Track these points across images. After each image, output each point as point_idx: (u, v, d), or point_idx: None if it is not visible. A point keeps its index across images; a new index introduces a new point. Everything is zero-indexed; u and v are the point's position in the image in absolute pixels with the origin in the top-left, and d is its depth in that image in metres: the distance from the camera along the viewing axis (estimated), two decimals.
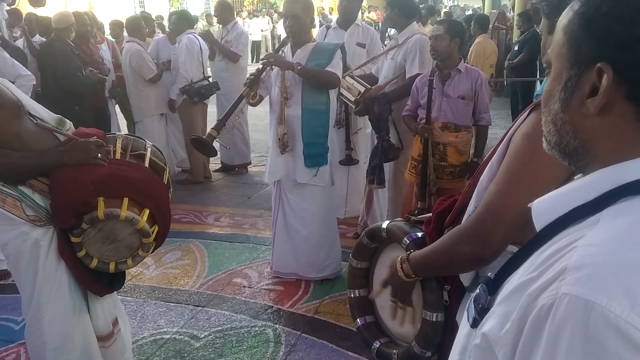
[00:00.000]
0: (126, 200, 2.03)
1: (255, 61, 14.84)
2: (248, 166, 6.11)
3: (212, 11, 14.27)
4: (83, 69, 4.67)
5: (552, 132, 0.76)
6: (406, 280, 1.43)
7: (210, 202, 5.19)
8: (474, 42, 7.12)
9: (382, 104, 3.52)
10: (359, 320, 1.79)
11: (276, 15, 19.68)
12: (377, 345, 1.71)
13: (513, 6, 11.43)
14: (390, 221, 1.71)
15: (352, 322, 1.85)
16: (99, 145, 2.05)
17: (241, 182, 5.79)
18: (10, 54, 4.32)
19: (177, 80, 5.34)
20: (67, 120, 2.19)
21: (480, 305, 0.78)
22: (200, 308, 3.24)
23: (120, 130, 5.69)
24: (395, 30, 3.97)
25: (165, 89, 5.50)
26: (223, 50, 5.67)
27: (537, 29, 6.92)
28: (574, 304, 0.58)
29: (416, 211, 3.19)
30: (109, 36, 6.84)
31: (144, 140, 2.28)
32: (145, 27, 5.83)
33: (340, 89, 3.61)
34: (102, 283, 2.20)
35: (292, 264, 3.56)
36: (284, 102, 3.32)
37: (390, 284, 1.50)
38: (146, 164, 2.19)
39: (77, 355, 2.18)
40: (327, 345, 2.87)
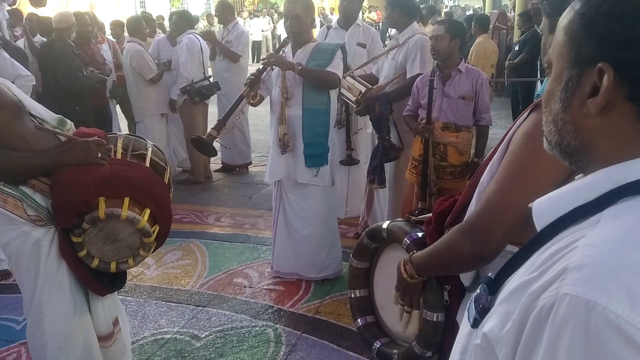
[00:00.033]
0: (127, 200, 2.03)
1: (256, 61, 14.83)
2: (249, 166, 6.11)
3: (213, 11, 14.26)
4: (84, 69, 4.67)
5: (553, 132, 0.76)
6: (410, 282, 1.43)
7: (211, 202, 5.19)
8: (475, 42, 7.12)
9: (383, 104, 3.52)
10: (359, 320, 1.80)
11: (276, 15, 19.67)
12: (378, 345, 1.71)
13: (514, 6, 11.43)
14: (391, 221, 1.71)
15: (353, 322, 1.85)
16: (99, 145, 2.05)
17: (242, 182, 5.79)
18: (11, 54, 4.32)
19: (178, 80, 5.34)
20: (68, 121, 2.19)
21: (481, 305, 0.78)
22: (201, 308, 3.25)
23: (121, 130, 5.70)
24: (396, 31, 3.97)
25: (165, 89, 5.50)
26: (224, 50, 5.67)
27: (538, 29, 6.91)
28: (575, 304, 0.58)
29: (417, 211, 3.19)
30: (110, 36, 6.84)
31: (145, 140, 2.29)
32: (146, 27, 5.83)
33: (341, 89, 3.61)
34: (103, 283, 2.20)
35: (293, 264, 3.56)
36: (285, 102, 3.32)
37: (399, 289, 1.51)
38: (147, 163, 2.19)
39: (78, 355, 2.18)
40: (328, 345, 2.87)
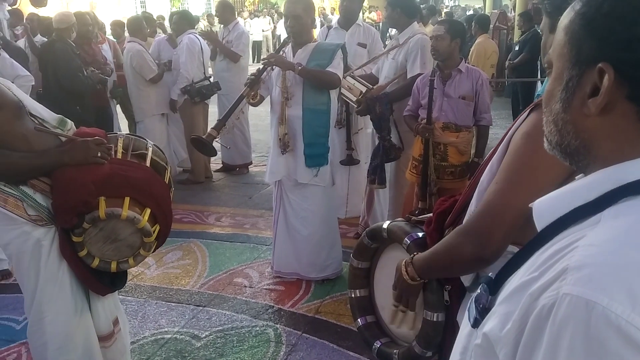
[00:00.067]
0: (127, 199, 2.03)
1: (256, 61, 14.84)
2: (249, 166, 6.11)
3: (214, 11, 14.26)
4: (84, 69, 4.67)
5: (554, 132, 0.76)
6: (412, 283, 1.43)
7: (211, 202, 5.19)
8: (475, 42, 7.12)
9: (384, 104, 3.52)
10: (359, 320, 1.80)
11: (276, 15, 19.65)
12: (378, 345, 1.71)
13: (514, 6, 11.43)
14: (391, 221, 1.71)
15: (353, 322, 1.85)
16: (99, 144, 2.05)
17: (242, 182, 5.79)
18: (12, 54, 4.33)
19: (178, 80, 5.34)
20: (69, 120, 2.19)
21: (482, 305, 0.78)
22: (201, 308, 3.25)
23: (121, 130, 5.70)
24: (396, 31, 3.97)
25: (166, 89, 5.51)
26: (224, 50, 5.67)
27: (538, 29, 6.91)
28: (575, 304, 0.58)
29: (417, 211, 3.19)
30: (110, 36, 6.84)
31: (146, 140, 2.28)
32: (147, 28, 5.83)
33: (342, 89, 3.61)
34: (104, 282, 2.20)
35: (293, 264, 3.56)
36: (285, 102, 3.32)
37: (396, 288, 1.50)
38: (147, 163, 2.19)
39: (79, 355, 2.18)
40: (328, 345, 2.87)
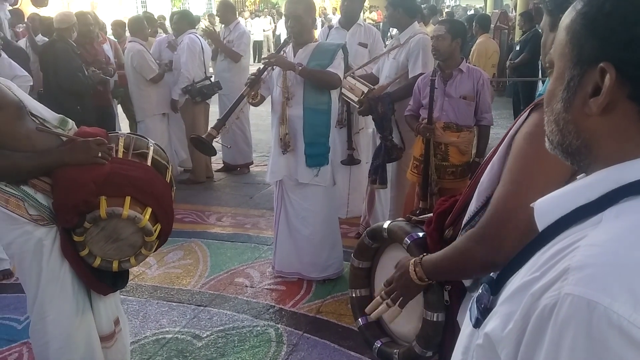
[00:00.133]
0: (128, 198, 2.03)
1: (257, 61, 14.84)
2: (250, 166, 6.11)
3: (214, 11, 14.28)
4: (85, 69, 4.67)
5: (555, 132, 0.75)
6: (418, 283, 1.42)
7: (212, 202, 5.19)
8: (476, 42, 7.13)
9: (386, 104, 3.51)
10: (360, 320, 1.79)
11: (277, 15, 19.63)
12: (378, 345, 1.71)
13: (515, 6, 11.42)
14: (392, 221, 1.71)
15: (354, 322, 1.85)
16: (100, 144, 2.05)
17: (243, 182, 5.79)
18: (12, 54, 4.33)
19: (179, 80, 5.34)
20: (70, 120, 2.19)
21: (483, 305, 0.78)
22: (202, 308, 3.25)
23: (122, 130, 5.70)
24: (397, 30, 3.97)
25: (167, 89, 5.51)
26: (225, 50, 5.67)
27: (539, 29, 6.90)
28: (577, 304, 0.58)
29: (418, 211, 3.18)
30: (111, 36, 6.85)
31: (147, 139, 2.29)
32: (148, 27, 5.84)
33: (343, 90, 3.61)
34: (106, 282, 2.20)
35: (295, 264, 3.56)
36: (286, 102, 3.32)
37: (392, 284, 1.49)
38: (149, 162, 2.19)
39: (80, 354, 2.18)
40: (329, 345, 2.87)
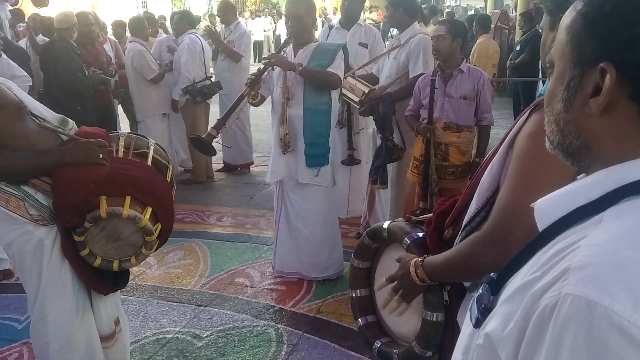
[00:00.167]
0: (128, 198, 2.03)
1: (258, 61, 14.84)
2: (250, 166, 6.11)
3: (215, 11, 14.28)
4: (86, 70, 4.67)
5: (555, 132, 0.75)
6: (419, 284, 1.43)
7: (213, 202, 5.19)
8: (476, 42, 7.12)
9: (387, 104, 3.51)
10: (360, 320, 1.79)
11: (277, 15, 19.62)
12: (378, 345, 1.71)
13: (515, 6, 11.42)
14: (391, 221, 1.71)
15: (354, 322, 1.85)
16: (101, 145, 2.05)
17: (243, 182, 5.79)
18: (13, 54, 4.33)
19: (180, 80, 5.34)
20: (70, 120, 2.19)
21: (483, 306, 0.78)
22: (202, 308, 3.25)
23: (122, 130, 5.70)
24: (397, 30, 3.97)
25: (167, 89, 5.51)
26: (225, 50, 5.67)
27: (539, 29, 6.90)
28: (577, 304, 0.58)
29: (418, 211, 3.18)
30: (112, 36, 6.85)
31: (147, 139, 2.29)
32: (148, 28, 5.84)
33: (343, 90, 3.61)
34: (106, 282, 2.20)
35: (295, 264, 3.56)
36: (286, 102, 3.32)
37: (396, 282, 1.49)
38: (149, 162, 2.19)
39: (81, 354, 2.18)
40: (329, 344, 2.87)
